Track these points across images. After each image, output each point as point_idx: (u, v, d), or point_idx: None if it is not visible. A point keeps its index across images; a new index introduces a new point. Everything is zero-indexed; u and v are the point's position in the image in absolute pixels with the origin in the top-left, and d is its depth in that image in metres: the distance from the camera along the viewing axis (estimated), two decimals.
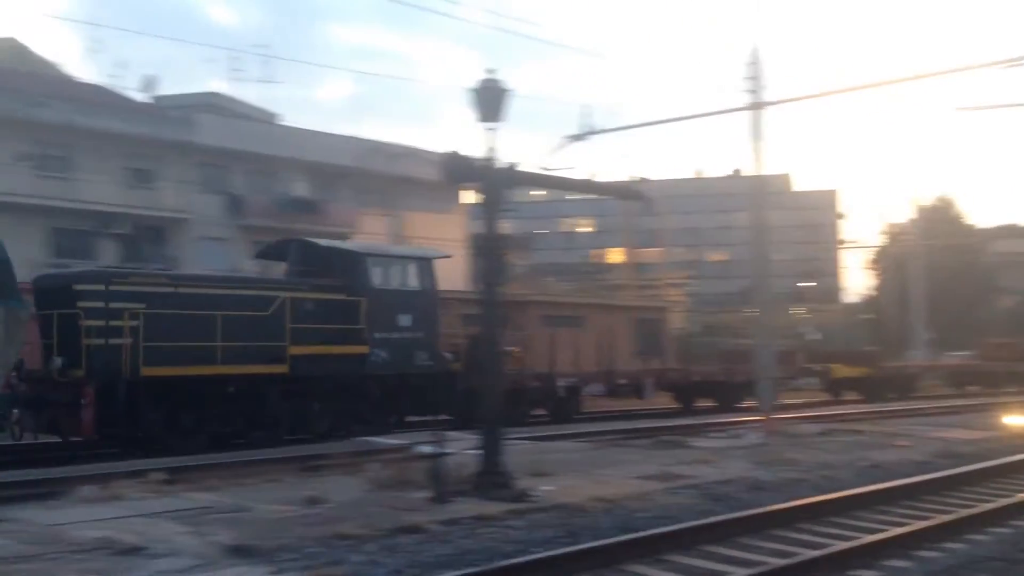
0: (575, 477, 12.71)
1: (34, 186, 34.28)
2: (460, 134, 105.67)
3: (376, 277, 19.05)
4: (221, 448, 16.26)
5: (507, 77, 11.30)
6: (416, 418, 20.12)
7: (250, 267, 32.53)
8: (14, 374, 15.24)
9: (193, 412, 16.60)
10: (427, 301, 19.74)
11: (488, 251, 11.47)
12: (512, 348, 22.20)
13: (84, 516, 10.05)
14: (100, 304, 15.72)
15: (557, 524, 9.71)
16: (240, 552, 8.36)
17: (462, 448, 12.24)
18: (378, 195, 45.11)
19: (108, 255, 36.06)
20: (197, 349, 16.34)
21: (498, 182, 11.41)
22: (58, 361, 15.66)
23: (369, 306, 18.56)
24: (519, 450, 13.92)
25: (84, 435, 15.51)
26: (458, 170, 11.39)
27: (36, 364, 16.21)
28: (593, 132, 20.66)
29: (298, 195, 41.91)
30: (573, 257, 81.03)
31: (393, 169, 43.94)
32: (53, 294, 16.10)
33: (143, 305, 15.90)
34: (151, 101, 43.25)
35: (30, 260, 33.09)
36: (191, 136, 38.88)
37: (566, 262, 75.00)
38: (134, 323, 15.60)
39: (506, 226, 12.29)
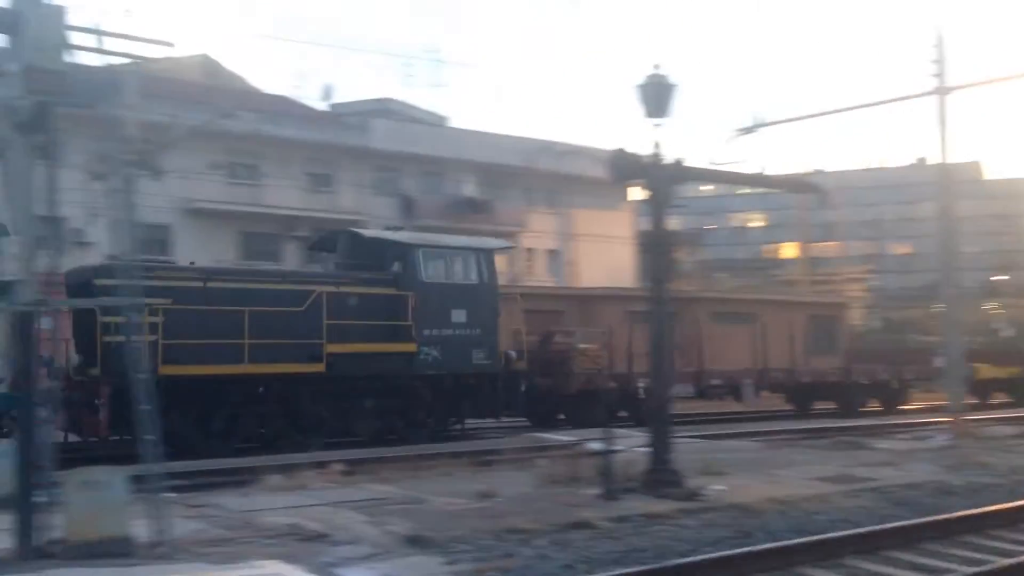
0: (748, 477, 12.44)
1: (226, 193, 36.48)
2: (623, 130, 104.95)
3: (427, 270, 17.76)
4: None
5: (674, 70, 11.16)
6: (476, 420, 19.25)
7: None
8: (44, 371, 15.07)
9: (220, 413, 15.78)
10: (485, 295, 18.39)
11: (656, 248, 11.37)
12: (587, 345, 21.32)
13: (273, 503, 10.64)
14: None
15: (730, 524, 9.54)
16: (416, 542, 8.64)
17: (631, 445, 12.19)
18: (546, 194, 45.51)
19: (292, 257, 37.97)
20: (222, 347, 15.40)
21: (665, 178, 11.30)
22: (75, 359, 15.18)
23: (418, 301, 17.30)
24: (688, 448, 13.73)
25: (100, 435, 14.99)
26: (625, 167, 11.35)
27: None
28: (765, 124, 20.08)
29: (468, 195, 42.80)
30: (744, 253, 79.09)
31: (561, 167, 44.20)
32: (79, 289, 15.24)
33: (168, 300, 14.95)
34: (329, 109, 45.21)
35: (223, 263, 35.39)
36: (366, 141, 40.39)
37: (737, 258, 73.27)
38: (155, 319, 14.61)
39: (674, 222, 12.14)
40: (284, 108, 40.77)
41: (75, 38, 8.14)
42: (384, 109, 45.14)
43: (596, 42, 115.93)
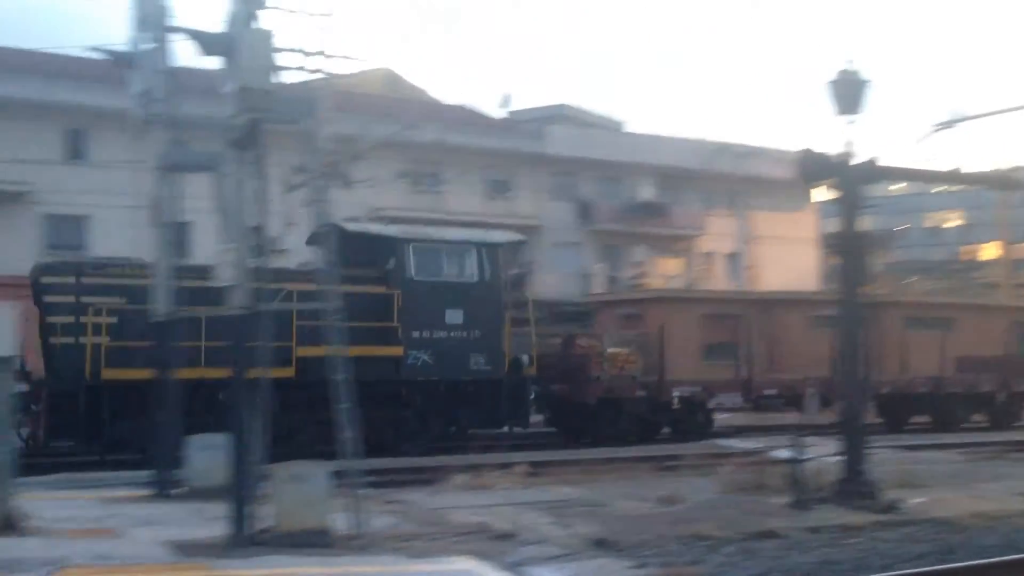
0: (949, 490, 11.80)
1: (409, 200, 37.76)
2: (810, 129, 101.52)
3: (415, 266, 16.22)
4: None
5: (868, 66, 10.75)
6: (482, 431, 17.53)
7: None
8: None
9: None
10: (487, 294, 16.61)
11: (847, 250, 10.97)
12: (617, 349, 19.48)
13: (460, 502, 10.95)
14: (69, 299, 14.31)
15: (931, 539, 9.10)
16: (602, 545, 8.69)
17: (821, 454, 11.80)
18: (724, 196, 44.64)
19: None
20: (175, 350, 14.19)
21: (857, 178, 10.89)
22: (17, 361, 15.01)
23: (405, 300, 15.80)
24: (880, 459, 13.15)
25: (37, 441, 14.29)
26: (814, 167, 11.01)
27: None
28: (965, 118, 18.98)
29: (644, 199, 42.54)
30: (940, 254, 74.86)
31: (739, 169, 43.26)
32: (33, 288, 14.73)
33: (123, 299, 14.14)
34: (507, 116, 46.02)
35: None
36: (543, 147, 40.84)
37: (932, 259, 69.43)
38: (102, 320, 13.98)
39: (865, 223, 11.67)
40: (464, 117, 41.82)
41: (278, 58, 8.69)
42: (560, 115, 45.51)
43: (777, 39, 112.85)
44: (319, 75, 9.11)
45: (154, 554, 7.76)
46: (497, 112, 45.79)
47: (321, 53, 9.02)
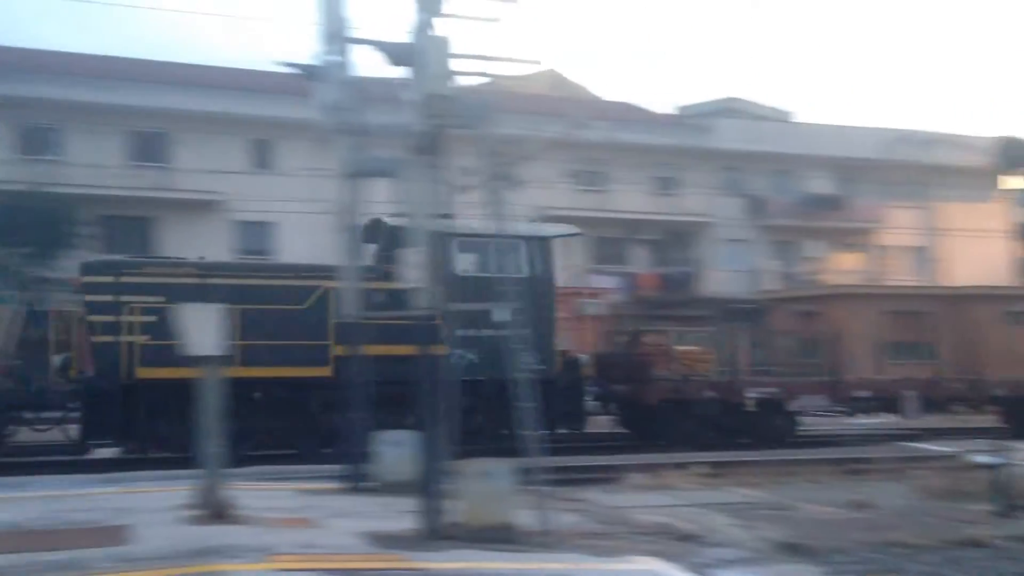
0: None
1: (575, 200, 37.89)
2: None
3: (460, 262, 15.78)
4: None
5: None
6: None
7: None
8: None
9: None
10: (538, 290, 15.88)
11: None
12: (688, 348, 18.31)
13: (640, 501, 10.91)
14: (108, 297, 14.40)
15: None
16: (791, 549, 8.46)
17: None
18: (906, 187, 42.48)
19: (639, 260, 38.67)
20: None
21: None
22: (56, 360, 14.69)
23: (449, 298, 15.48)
24: None
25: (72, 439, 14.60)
26: (1018, 154, 10.30)
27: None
28: None
29: (820, 192, 41.08)
30: None
31: (923, 157, 41.06)
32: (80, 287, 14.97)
33: (162, 298, 14.10)
34: (674, 112, 45.46)
35: (574, 268, 36.78)
36: (711, 142, 40.11)
37: None
38: (138, 319, 14.14)
39: None
40: (628, 115, 41.59)
41: (455, 64, 8.90)
42: (729, 109, 44.60)
43: (961, 18, 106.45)
44: (491, 78, 9.28)
45: (352, 544, 8.11)
46: (664, 108, 45.35)
47: (494, 57, 9.21)
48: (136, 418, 14.35)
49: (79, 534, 8.22)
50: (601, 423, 18.38)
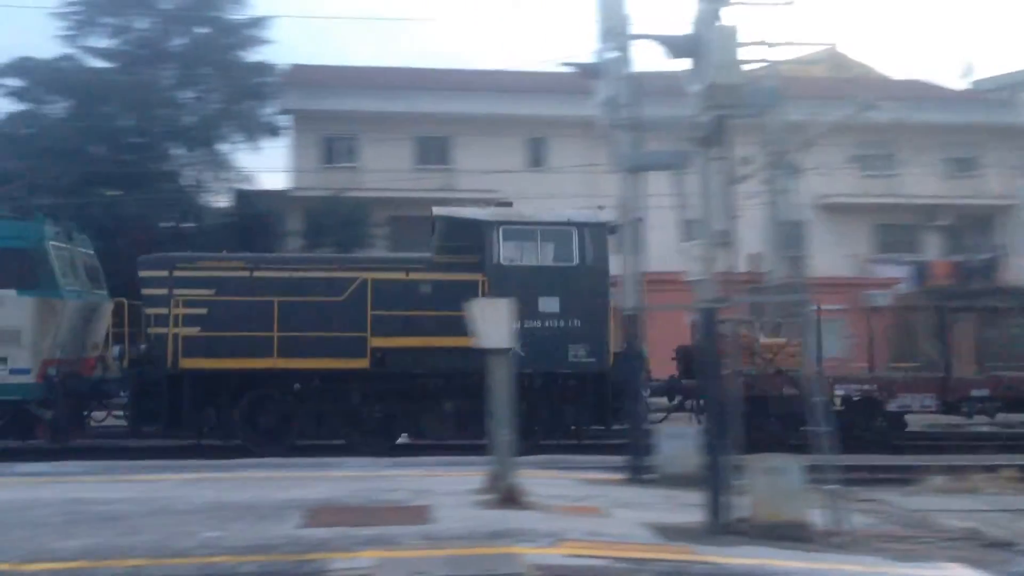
0: None
1: (859, 185, 35.96)
2: None
3: (504, 250, 15.43)
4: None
5: None
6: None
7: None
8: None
9: (251, 409, 15.33)
10: (589, 280, 15.35)
11: None
12: (772, 340, 16.19)
13: (941, 505, 10.24)
14: (163, 291, 15.04)
15: None
16: None
17: None
18: None
19: (931, 248, 36.07)
20: (249, 340, 14.76)
21: None
22: (115, 350, 15.52)
23: (493, 288, 14.76)
24: None
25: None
26: None
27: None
28: None
29: None
30: None
31: None
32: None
33: (211, 291, 14.89)
34: (970, 87, 41.95)
35: (854, 257, 34.88)
36: (1014, 117, 36.62)
37: None
38: (184, 311, 14.85)
39: None
40: (919, 92, 38.86)
41: (742, 52, 8.73)
42: None
43: None
44: (777, 64, 9.01)
45: (637, 534, 8.20)
46: (958, 83, 41.96)
47: (781, 42, 8.95)
48: (181, 407, 15.12)
49: (386, 512, 8.90)
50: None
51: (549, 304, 15.56)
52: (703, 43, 8.45)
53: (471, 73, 38.52)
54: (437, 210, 16.51)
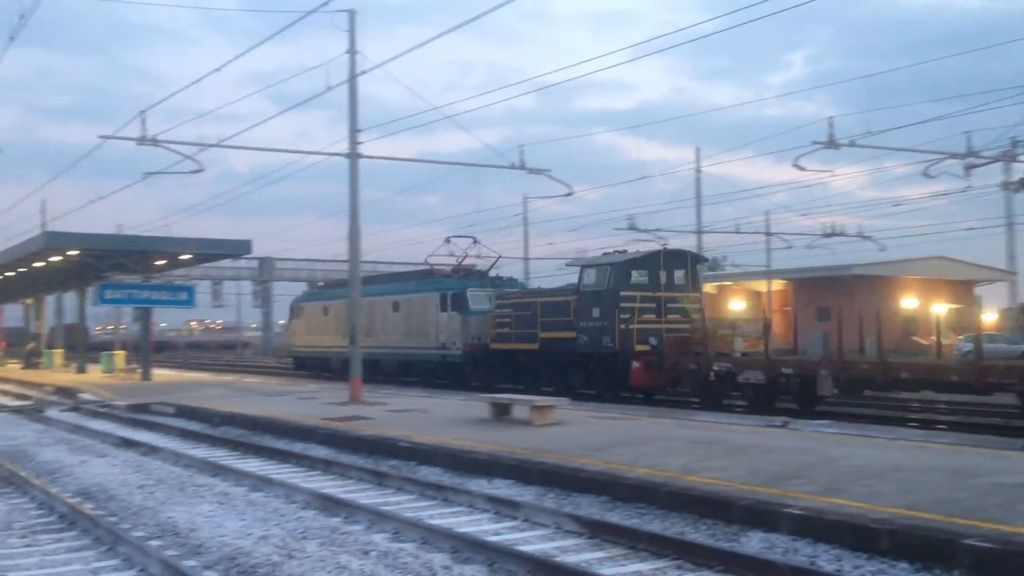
0: None
1: None
2: None
3: (583, 281, 25.87)
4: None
5: None
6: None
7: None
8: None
9: (513, 372, 28.22)
10: (610, 297, 25.01)
11: None
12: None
13: None
14: (493, 307, 29.87)
15: None
16: None
17: None
18: None
19: None
20: (508, 334, 28.45)
21: None
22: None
23: (577, 304, 25.79)
24: None
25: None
26: None
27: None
28: None
29: None
30: None
31: None
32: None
33: (511, 309, 28.33)
34: None
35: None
36: None
37: None
38: (495, 319, 29.07)
39: None
40: None
41: None
42: None
43: None
44: None
45: None
46: None
47: None
48: (492, 371, 29.11)
49: None
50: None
51: (596, 312, 25.92)
52: None
53: None
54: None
